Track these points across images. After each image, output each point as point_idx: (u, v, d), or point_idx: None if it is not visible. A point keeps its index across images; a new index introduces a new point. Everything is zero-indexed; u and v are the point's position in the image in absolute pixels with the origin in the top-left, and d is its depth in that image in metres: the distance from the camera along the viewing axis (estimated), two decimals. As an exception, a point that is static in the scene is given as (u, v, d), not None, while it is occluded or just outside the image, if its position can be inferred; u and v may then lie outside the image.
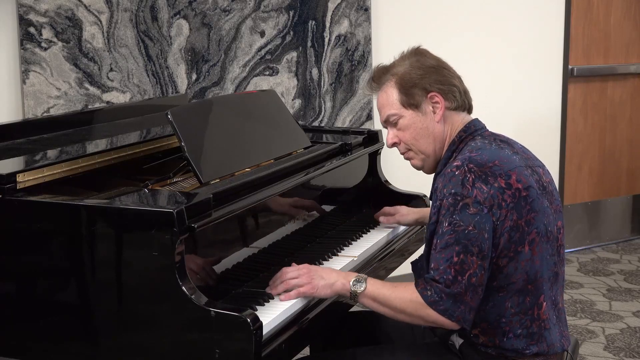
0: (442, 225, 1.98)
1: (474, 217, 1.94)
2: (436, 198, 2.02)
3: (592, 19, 4.96)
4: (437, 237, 1.99)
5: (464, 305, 1.95)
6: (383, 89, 2.18)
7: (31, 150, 2.40)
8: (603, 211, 5.18)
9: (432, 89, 2.12)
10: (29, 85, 3.21)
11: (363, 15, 3.99)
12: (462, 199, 1.95)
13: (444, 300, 1.95)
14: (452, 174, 2.00)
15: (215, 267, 2.05)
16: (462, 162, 2.00)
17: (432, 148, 2.15)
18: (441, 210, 1.98)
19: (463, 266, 1.94)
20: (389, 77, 2.17)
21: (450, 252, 1.95)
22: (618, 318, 3.99)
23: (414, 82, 2.13)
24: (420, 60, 2.17)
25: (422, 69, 2.14)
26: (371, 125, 4.05)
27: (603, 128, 5.14)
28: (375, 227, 2.74)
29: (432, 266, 1.98)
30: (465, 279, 1.94)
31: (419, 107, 2.14)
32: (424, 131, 2.14)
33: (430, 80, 2.13)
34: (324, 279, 2.07)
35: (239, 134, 2.44)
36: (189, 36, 3.56)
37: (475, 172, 1.98)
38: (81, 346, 1.98)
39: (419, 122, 2.15)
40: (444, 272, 1.95)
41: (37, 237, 1.99)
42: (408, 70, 2.15)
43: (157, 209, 1.89)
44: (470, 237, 1.94)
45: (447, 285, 1.94)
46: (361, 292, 2.03)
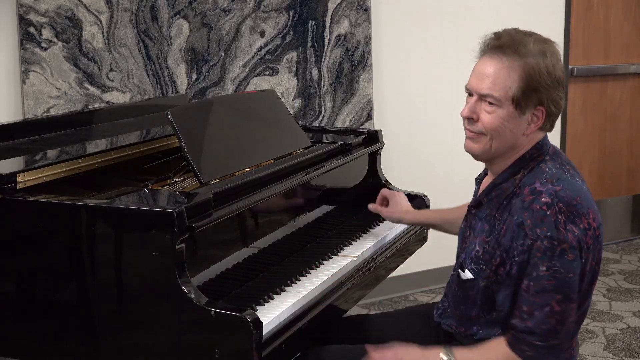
0: (536, 268, 1.89)
1: (572, 263, 1.89)
2: (525, 235, 1.90)
3: (592, 19, 4.96)
4: (530, 279, 1.90)
5: (563, 353, 1.95)
6: (506, 63, 1.95)
7: (31, 150, 2.40)
8: (603, 211, 5.18)
9: (546, 106, 1.96)
10: (29, 85, 3.21)
11: (363, 15, 3.99)
12: (559, 244, 1.87)
13: (545, 355, 1.92)
14: (542, 213, 1.89)
15: (215, 267, 2.05)
16: (552, 199, 1.90)
17: (502, 151, 2.00)
18: (533, 252, 1.89)
19: (563, 315, 1.90)
20: (518, 59, 1.94)
21: (549, 299, 1.89)
22: (618, 318, 3.99)
23: (538, 87, 1.94)
24: (555, 65, 1.96)
25: (552, 79, 1.95)
26: (371, 125, 4.05)
27: (603, 128, 5.14)
28: (375, 227, 2.74)
29: (525, 309, 1.91)
30: (565, 327, 1.92)
31: (523, 111, 1.96)
32: (510, 133, 1.97)
33: (551, 96, 1.96)
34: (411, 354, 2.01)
35: (239, 134, 2.44)
36: (189, 36, 3.56)
37: (565, 213, 1.90)
38: (81, 346, 1.98)
39: (512, 122, 1.96)
40: (541, 322, 1.90)
41: (37, 237, 1.99)
42: (541, 70, 1.94)
43: (157, 209, 1.89)
44: (571, 284, 1.90)
45: (545, 339, 1.90)
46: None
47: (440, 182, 4.24)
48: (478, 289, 2.02)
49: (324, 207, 2.64)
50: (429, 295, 4.32)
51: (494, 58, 1.97)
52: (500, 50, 1.97)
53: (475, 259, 2.03)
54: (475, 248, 2.04)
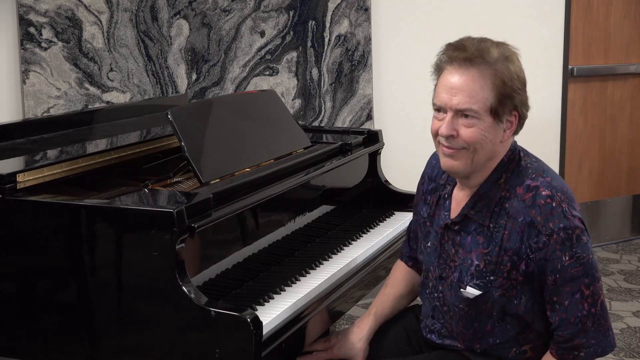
0: (559, 260, 1.90)
1: (587, 244, 1.94)
2: (538, 232, 1.91)
3: (592, 19, 4.96)
4: (555, 272, 1.91)
5: (609, 331, 1.97)
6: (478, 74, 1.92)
7: (31, 150, 2.40)
8: (603, 211, 5.18)
9: (519, 110, 1.96)
10: (29, 85, 3.21)
11: (363, 15, 3.99)
12: (573, 231, 1.91)
13: (595, 344, 1.95)
14: (549, 206, 1.91)
15: (215, 267, 2.05)
16: (551, 191, 1.93)
17: (483, 162, 1.98)
18: (552, 247, 1.90)
19: (594, 297, 1.94)
20: (488, 68, 1.92)
21: (578, 285, 1.92)
22: (618, 318, 3.99)
23: (512, 94, 1.93)
24: (520, 67, 1.97)
25: (521, 82, 1.96)
26: (371, 125, 4.05)
27: (603, 128, 5.14)
28: (375, 227, 2.74)
29: (556, 299, 1.94)
30: (599, 308, 1.95)
31: (501, 120, 1.95)
32: (490, 144, 1.95)
33: (522, 99, 1.97)
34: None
35: (239, 134, 2.44)
36: (189, 36, 3.56)
37: (565, 201, 1.94)
38: (81, 346, 1.98)
39: (491, 133, 1.94)
40: (575, 310, 1.93)
41: (37, 237, 1.99)
42: (512, 76, 1.93)
43: (157, 209, 1.89)
44: (594, 265, 1.94)
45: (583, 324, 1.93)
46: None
47: (440, 182, 4.24)
48: (493, 300, 2.00)
49: (324, 207, 2.64)
50: (429, 295, 4.31)
51: (462, 70, 1.93)
52: (468, 62, 1.93)
53: (478, 274, 2.00)
54: (474, 263, 2.01)
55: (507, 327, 2.02)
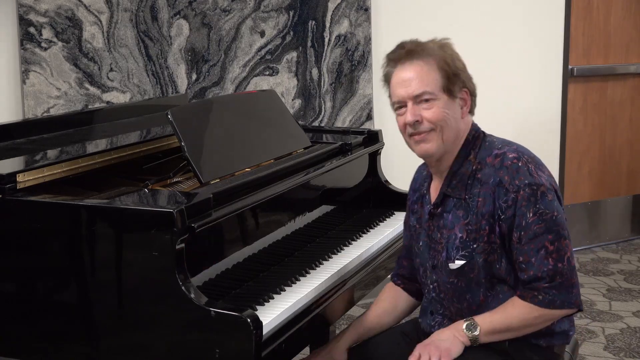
0: (524, 216, 1.99)
1: (553, 203, 2.02)
2: (506, 191, 2.01)
3: (592, 19, 4.96)
4: (520, 229, 2.00)
5: (574, 289, 2.02)
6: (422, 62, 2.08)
7: (31, 150, 2.40)
8: (603, 211, 5.18)
9: (467, 86, 2.11)
10: (29, 85, 3.21)
11: (363, 15, 3.99)
12: (537, 188, 2.00)
13: (557, 294, 2.00)
14: (515, 165, 2.03)
15: (215, 267, 2.05)
16: (518, 154, 2.05)
17: (452, 140, 2.10)
18: (519, 203, 2.00)
19: (560, 253, 2.00)
20: (428, 56, 2.08)
21: (541, 241, 1.99)
22: (618, 318, 3.99)
23: (457, 71, 2.08)
24: (457, 55, 2.12)
25: (461, 63, 2.11)
26: (371, 125, 4.05)
27: (603, 128, 5.14)
28: (375, 227, 2.74)
29: (522, 259, 2.01)
30: (566, 263, 2.00)
31: (455, 96, 2.09)
32: (452, 121, 2.09)
33: (467, 76, 2.12)
34: (444, 340, 2.04)
35: (239, 134, 2.44)
36: (189, 36, 3.56)
37: (532, 162, 2.05)
38: (81, 346, 1.98)
39: (451, 110, 2.08)
40: (541, 265, 1.99)
41: (37, 237, 1.99)
42: (452, 57, 2.09)
43: (157, 209, 1.89)
44: (558, 222, 2.01)
45: (550, 279, 1.99)
46: (479, 333, 2.04)
47: (440, 182, 4.24)
48: (478, 267, 2.07)
49: (324, 207, 2.64)
50: (429, 295, 4.31)
51: (408, 64, 2.10)
52: (411, 56, 2.10)
53: (462, 245, 2.08)
54: (457, 236, 2.09)
55: (499, 297, 2.08)
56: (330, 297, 2.21)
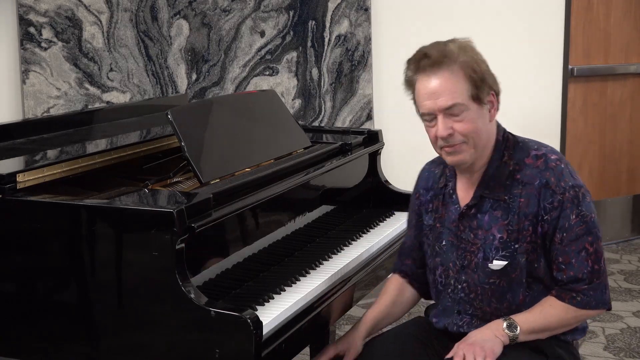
0: (568, 218, 2.03)
1: (591, 204, 2.07)
2: (553, 192, 2.03)
3: (592, 19, 4.96)
4: (563, 231, 2.04)
5: (607, 289, 2.07)
6: (449, 72, 2.01)
7: (31, 150, 2.40)
8: (603, 211, 5.18)
9: (495, 88, 2.08)
10: (29, 85, 3.21)
11: (363, 15, 3.99)
12: (579, 189, 2.05)
13: (593, 296, 2.05)
14: (560, 168, 2.07)
15: (215, 267, 2.05)
16: (557, 155, 2.10)
17: (483, 146, 2.08)
18: (565, 205, 2.03)
19: (597, 254, 2.05)
20: (454, 64, 2.01)
21: (582, 243, 2.04)
22: (618, 318, 3.99)
23: (483, 76, 2.03)
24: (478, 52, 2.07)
25: (485, 64, 2.06)
26: (371, 125, 4.05)
27: (603, 128, 5.14)
28: (375, 227, 2.74)
29: (562, 260, 2.05)
30: (602, 264, 2.06)
31: (484, 102, 2.05)
32: (484, 127, 2.06)
33: (493, 78, 2.08)
34: (487, 340, 2.04)
35: (239, 134, 2.44)
36: (189, 36, 3.56)
37: (568, 165, 2.09)
38: (81, 346, 1.98)
39: (480, 117, 2.04)
40: (582, 267, 2.04)
41: (37, 237, 1.99)
42: (476, 61, 2.03)
43: (157, 209, 1.89)
44: (595, 223, 2.07)
45: (589, 281, 2.04)
46: (519, 333, 2.05)
47: (440, 182, 4.24)
48: (520, 267, 2.08)
49: (324, 207, 2.64)
50: (429, 295, 4.31)
51: (434, 74, 2.03)
52: (437, 66, 2.03)
53: (502, 245, 2.08)
54: (497, 237, 2.09)
55: (535, 295, 2.10)
56: (330, 297, 2.21)
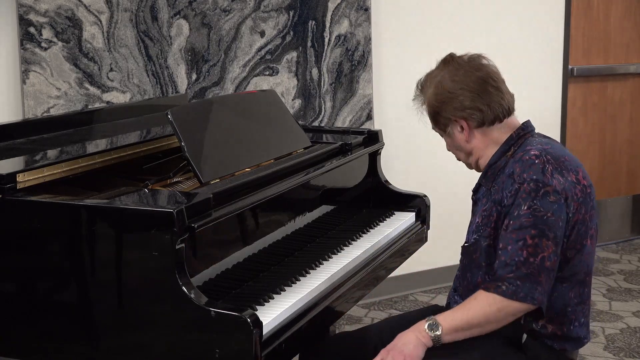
0: (519, 207, 2.03)
1: (553, 205, 2.02)
2: (513, 182, 2.06)
3: (592, 19, 4.96)
4: (511, 219, 2.04)
5: (540, 287, 2.00)
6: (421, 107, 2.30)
7: (31, 150, 2.40)
8: (603, 211, 5.18)
9: (454, 116, 2.19)
10: (29, 85, 3.21)
11: (363, 15, 3.99)
12: (543, 186, 2.03)
13: (520, 286, 1.99)
14: (531, 161, 2.07)
15: (215, 267, 2.05)
16: (540, 152, 2.08)
17: (472, 159, 2.25)
18: (520, 194, 2.04)
19: (536, 249, 2.00)
20: (423, 99, 2.28)
21: (524, 234, 2.01)
22: (618, 318, 3.99)
23: (436, 111, 2.22)
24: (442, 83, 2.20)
25: (440, 96, 2.20)
26: (371, 125, 4.05)
27: (603, 128, 5.14)
28: (375, 227, 2.74)
29: (501, 245, 2.05)
30: (538, 260, 2.00)
31: (446, 131, 2.24)
32: (458, 148, 2.25)
33: (448, 109, 2.19)
34: (406, 343, 2.03)
35: (239, 134, 2.44)
36: (189, 36, 3.56)
37: (552, 164, 2.06)
38: (81, 346, 1.98)
39: (450, 142, 2.27)
40: (514, 254, 2.01)
41: (37, 237, 1.99)
42: (430, 98, 2.23)
43: (157, 209, 1.89)
44: (549, 223, 2.01)
45: (517, 268, 1.99)
46: (441, 332, 2.03)
47: (440, 182, 4.24)
48: (481, 250, 2.12)
49: (324, 207, 2.64)
50: (429, 295, 4.32)
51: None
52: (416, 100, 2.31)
53: (476, 228, 2.17)
54: (476, 220, 2.18)
55: None
56: (330, 297, 2.21)
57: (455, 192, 4.06)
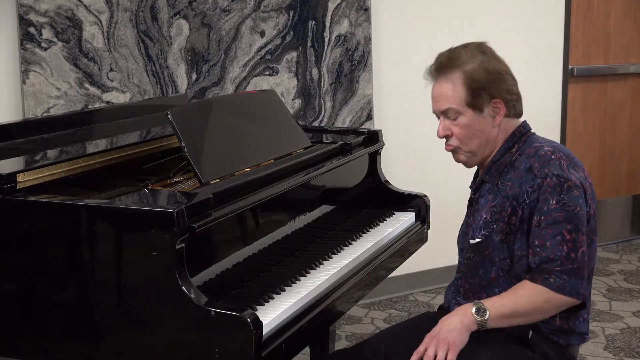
0: (547, 202, 2.05)
1: (579, 199, 2.07)
2: (534, 176, 2.08)
3: (592, 19, 4.96)
4: (541, 214, 2.05)
5: (583, 281, 2.05)
6: (448, 80, 2.17)
7: (31, 150, 2.40)
8: (603, 211, 5.18)
9: (499, 96, 2.16)
10: (29, 85, 3.21)
11: (363, 15, 3.99)
12: (565, 181, 2.06)
13: (567, 280, 2.03)
14: (548, 157, 2.10)
15: (215, 267, 2.05)
16: (553, 148, 2.12)
17: (482, 149, 2.20)
18: (543, 189, 2.06)
19: (575, 244, 2.04)
20: (457, 71, 2.15)
21: (560, 229, 2.03)
22: (618, 318, 3.99)
23: (483, 85, 2.14)
24: (489, 61, 2.17)
25: (493, 74, 2.15)
26: (371, 125, 4.05)
27: (603, 128, 5.14)
28: (375, 227, 2.74)
29: (537, 242, 2.06)
30: (579, 255, 2.04)
31: (482, 110, 2.16)
32: (479, 133, 2.18)
33: (498, 87, 2.16)
34: (452, 330, 2.03)
35: (239, 134, 2.44)
36: (189, 36, 3.56)
37: (566, 160, 2.11)
38: (81, 346, 1.98)
39: (477, 123, 2.17)
40: (555, 249, 2.03)
41: (37, 237, 1.99)
42: (478, 70, 2.15)
43: (157, 209, 1.89)
44: (579, 217, 2.06)
45: (562, 264, 2.02)
46: (488, 317, 2.04)
47: (440, 182, 4.24)
48: (494, 245, 2.13)
49: (324, 207, 2.64)
50: (429, 295, 4.32)
51: (438, 80, 2.20)
52: (439, 72, 2.19)
53: (484, 224, 2.15)
54: (482, 217, 2.17)
55: (511, 280, 2.12)
56: (330, 297, 2.21)
57: (455, 192, 4.06)
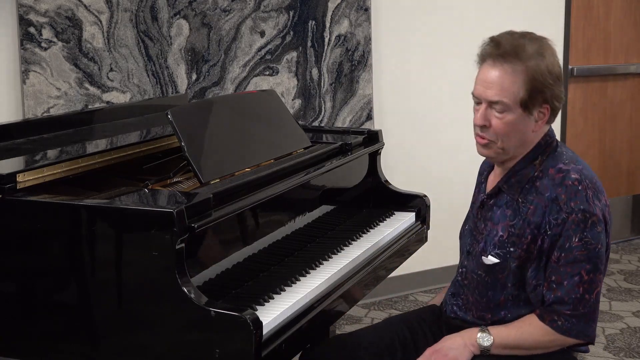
0: (570, 240, 2.00)
1: (600, 235, 2.02)
2: (559, 209, 2.01)
3: (592, 19, 4.96)
4: (562, 251, 2.00)
5: (593, 323, 2.03)
6: (510, 70, 2.03)
7: (31, 150, 2.40)
8: (603, 211, 5.18)
9: (550, 103, 2.07)
10: (29, 85, 3.21)
11: (363, 15, 3.99)
12: (590, 216, 2.00)
13: (576, 324, 2.01)
14: (575, 188, 2.02)
15: (215, 267, 2.05)
16: (580, 176, 2.04)
17: (515, 149, 2.10)
18: (568, 225, 2.00)
19: (592, 285, 2.01)
20: (520, 64, 2.02)
21: (579, 268, 2.00)
22: (618, 318, 3.99)
23: (543, 88, 2.04)
24: (554, 62, 2.07)
25: (553, 77, 2.06)
26: (371, 125, 4.05)
27: (603, 128, 5.14)
28: (375, 227, 2.74)
29: (554, 279, 2.02)
30: (594, 297, 2.01)
31: (531, 112, 2.06)
32: (519, 133, 2.08)
33: (554, 93, 2.07)
34: (452, 348, 2.05)
35: (239, 134, 2.44)
36: (189, 36, 3.56)
37: (592, 189, 2.03)
38: (81, 346, 1.98)
39: (521, 124, 2.06)
40: (571, 291, 2.00)
41: (37, 237, 1.99)
42: (542, 71, 2.03)
43: (157, 209, 1.89)
44: (600, 255, 2.02)
45: (575, 308, 2.01)
46: (491, 344, 2.04)
47: (440, 182, 4.24)
48: (509, 271, 2.08)
49: (324, 207, 2.64)
50: (429, 295, 4.31)
51: (496, 65, 2.04)
52: (501, 58, 2.04)
53: (500, 244, 2.09)
54: (498, 234, 2.10)
55: (519, 304, 2.10)
56: (330, 297, 2.21)
57: (455, 192, 4.06)
